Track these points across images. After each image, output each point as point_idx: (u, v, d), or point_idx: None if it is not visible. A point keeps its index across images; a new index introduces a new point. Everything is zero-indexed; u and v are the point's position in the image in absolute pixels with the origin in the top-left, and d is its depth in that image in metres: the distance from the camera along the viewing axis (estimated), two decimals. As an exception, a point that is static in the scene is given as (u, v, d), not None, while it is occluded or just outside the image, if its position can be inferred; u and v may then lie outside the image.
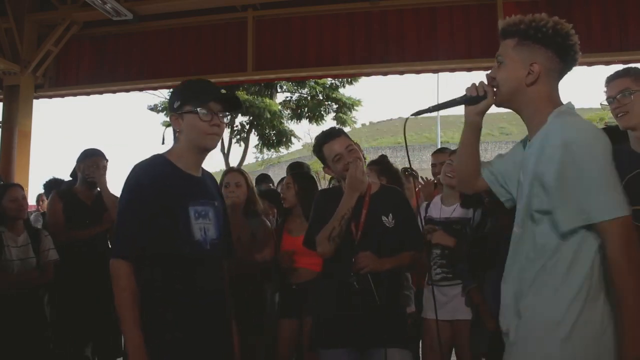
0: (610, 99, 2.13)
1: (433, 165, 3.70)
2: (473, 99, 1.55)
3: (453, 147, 3.23)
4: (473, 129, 1.63)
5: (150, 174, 1.73)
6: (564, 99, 1.50)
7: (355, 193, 2.25)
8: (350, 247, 2.24)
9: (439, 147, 6.66)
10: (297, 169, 4.04)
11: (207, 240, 1.79)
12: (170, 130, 2.03)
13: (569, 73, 1.53)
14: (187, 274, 1.71)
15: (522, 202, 1.49)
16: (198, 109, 1.75)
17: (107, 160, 3.44)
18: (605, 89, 2.16)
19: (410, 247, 2.33)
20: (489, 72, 1.57)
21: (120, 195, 1.75)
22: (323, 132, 2.45)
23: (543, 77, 1.45)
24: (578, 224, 1.34)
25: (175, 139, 1.84)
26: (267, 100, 14.17)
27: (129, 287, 1.68)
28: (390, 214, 2.31)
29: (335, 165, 2.32)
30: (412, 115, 1.63)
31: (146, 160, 1.81)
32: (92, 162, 3.37)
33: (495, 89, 1.53)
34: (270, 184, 4.80)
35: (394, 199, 2.39)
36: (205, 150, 1.84)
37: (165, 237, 1.69)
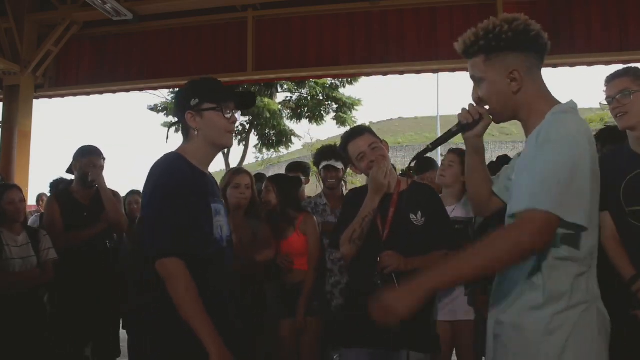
0: (609, 98, 2.13)
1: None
2: (469, 125, 1.53)
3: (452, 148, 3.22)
4: (477, 152, 1.60)
5: (175, 173, 1.71)
6: (565, 99, 1.47)
7: (377, 195, 2.21)
8: (377, 246, 2.21)
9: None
10: (295, 169, 4.04)
11: (224, 238, 1.81)
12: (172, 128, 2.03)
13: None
14: (203, 272, 1.70)
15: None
16: (222, 107, 1.76)
17: (104, 159, 3.39)
18: (604, 89, 2.16)
19: (442, 246, 2.25)
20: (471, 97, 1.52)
21: (150, 196, 1.71)
22: (349, 129, 2.43)
23: (527, 79, 1.42)
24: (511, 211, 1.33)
25: (189, 137, 1.80)
26: (267, 100, 14.16)
27: (192, 285, 1.60)
28: (420, 212, 2.25)
29: (359, 164, 2.30)
30: (414, 158, 1.65)
31: (164, 159, 1.77)
32: (88, 161, 3.32)
33: (487, 108, 1.49)
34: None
35: (424, 196, 2.32)
36: (222, 148, 1.84)
37: (193, 235, 1.68)
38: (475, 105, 1.51)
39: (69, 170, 3.48)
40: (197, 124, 1.76)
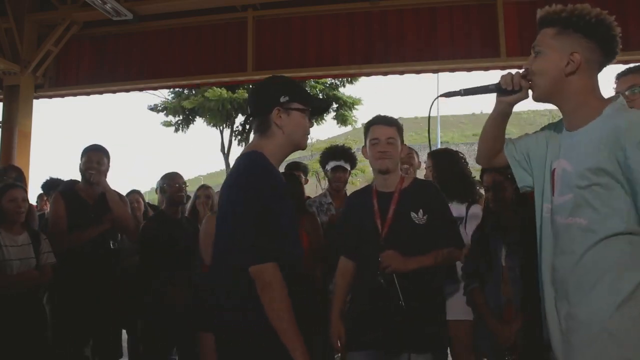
0: (618, 94, 2.15)
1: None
2: (506, 91, 1.54)
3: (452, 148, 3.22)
4: (502, 116, 1.62)
5: (268, 175, 1.64)
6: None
7: None
8: (378, 245, 2.19)
9: (439, 147, 6.65)
10: (295, 169, 4.04)
11: None
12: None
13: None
14: (293, 278, 1.64)
15: (570, 192, 1.43)
16: (308, 109, 1.75)
17: (107, 158, 3.37)
18: (614, 86, 2.18)
19: (445, 244, 2.23)
20: (525, 64, 1.53)
21: (246, 197, 1.59)
22: (383, 115, 2.39)
23: (583, 67, 1.43)
24: None
25: (268, 134, 1.72)
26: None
27: (287, 295, 1.54)
28: (421, 210, 2.22)
29: (369, 149, 2.30)
30: (441, 95, 1.63)
31: (252, 159, 1.66)
32: (87, 158, 3.31)
33: (531, 82, 1.50)
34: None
35: (426, 193, 2.29)
36: (298, 149, 1.80)
37: (287, 238, 1.63)
38: (521, 76, 1.52)
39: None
40: (282, 121, 1.70)
